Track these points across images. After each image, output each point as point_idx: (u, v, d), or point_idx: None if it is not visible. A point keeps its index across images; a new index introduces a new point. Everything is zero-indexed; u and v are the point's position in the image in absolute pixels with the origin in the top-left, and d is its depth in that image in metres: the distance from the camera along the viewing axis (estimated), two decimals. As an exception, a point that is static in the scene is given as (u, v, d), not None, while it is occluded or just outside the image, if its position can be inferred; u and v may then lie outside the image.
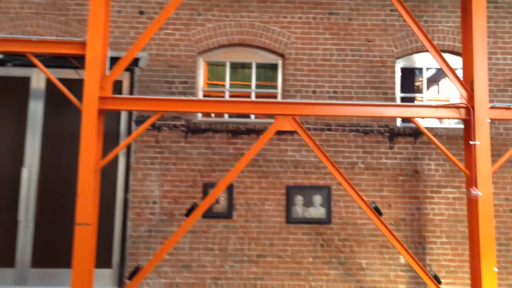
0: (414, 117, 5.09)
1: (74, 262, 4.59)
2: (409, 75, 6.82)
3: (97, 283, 5.82)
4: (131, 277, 4.86)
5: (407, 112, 5.13)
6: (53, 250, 5.85)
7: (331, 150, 6.15)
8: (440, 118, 5.46)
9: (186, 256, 5.98)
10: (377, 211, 5.04)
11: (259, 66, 6.50)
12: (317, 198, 6.10)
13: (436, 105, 5.24)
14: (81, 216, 4.67)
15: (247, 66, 6.52)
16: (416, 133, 6.24)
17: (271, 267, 6.01)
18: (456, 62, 6.33)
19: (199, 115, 6.35)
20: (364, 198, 5.04)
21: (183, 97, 5.14)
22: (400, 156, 6.21)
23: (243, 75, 6.63)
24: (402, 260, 6.04)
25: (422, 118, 5.34)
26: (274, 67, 6.50)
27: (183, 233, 4.95)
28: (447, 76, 5.18)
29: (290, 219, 6.07)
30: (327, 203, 6.10)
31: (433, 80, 7.29)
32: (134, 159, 6.08)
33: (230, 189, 6.04)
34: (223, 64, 6.47)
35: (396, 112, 5.17)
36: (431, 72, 6.97)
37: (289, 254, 6.04)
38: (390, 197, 6.14)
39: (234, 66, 6.54)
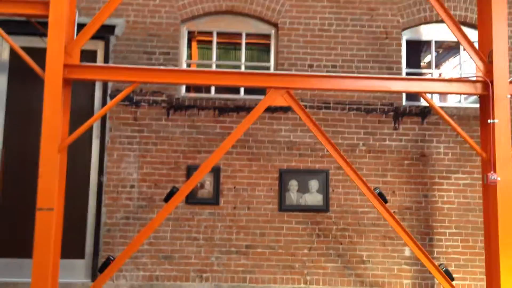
0: (423, 92, 4.58)
1: (34, 252, 4.09)
2: (416, 49, 6.30)
3: (68, 275, 5.33)
4: (101, 269, 4.37)
5: (416, 86, 4.62)
6: (19, 238, 5.34)
7: (329, 131, 5.64)
8: (453, 94, 4.96)
9: (167, 246, 5.48)
10: (382, 197, 4.56)
11: (249, 36, 5.97)
12: (314, 184, 5.61)
13: (449, 79, 4.73)
14: (43, 200, 4.16)
15: (235, 38, 5.98)
16: (423, 112, 5.73)
17: (262, 259, 5.53)
18: (469, 34, 5.81)
19: (183, 90, 5.82)
20: (367, 183, 4.56)
21: (162, 67, 4.62)
22: (405, 138, 5.70)
23: (233, 55, 6.11)
24: (407, 253, 5.57)
25: (432, 93, 4.85)
26: (266, 38, 5.97)
27: (161, 221, 4.45)
28: (461, 45, 4.67)
29: (283, 207, 5.57)
30: (325, 189, 5.60)
31: (443, 55, 6.77)
32: (109, 138, 5.55)
33: (216, 172, 5.54)
34: (209, 33, 5.93)
35: (403, 86, 4.65)
36: (440, 45, 6.45)
37: (282, 245, 5.55)
38: (394, 183, 5.65)
39: (222, 40, 6.00)
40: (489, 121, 4.44)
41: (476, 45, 4.79)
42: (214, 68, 5.87)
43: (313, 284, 5.53)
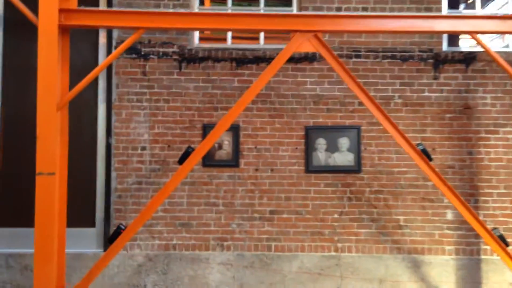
0: (474, 32, 4.00)
1: (36, 221, 3.71)
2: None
3: (78, 244, 5.00)
4: (112, 239, 4.00)
5: (464, 25, 4.02)
6: (24, 206, 4.99)
7: (360, 82, 5.11)
8: (509, 33, 4.38)
9: (184, 212, 5.09)
10: (426, 154, 4.05)
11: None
12: (344, 141, 5.11)
13: (503, 16, 4.14)
14: (43, 164, 3.75)
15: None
16: (468, 58, 5.12)
17: (288, 226, 5.11)
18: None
19: (196, 40, 5.29)
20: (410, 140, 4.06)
21: (172, 10, 4.13)
22: (447, 88, 5.13)
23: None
24: (449, 216, 5.08)
25: (484, 33, 4.26)
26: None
27: (176, 185, 4.03)
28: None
29: (310, 168, 5.11)
30: (356, 147, 5.10)
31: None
32: (116, 95, 5.10)
33: (235, 131, 5.08)
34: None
35: (450, 26, 4.04)
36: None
37: (310, 209, 5.11)
38: (434, 140, 5.11)
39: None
40: (552, 62, 3.88)
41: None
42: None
43: (345, 251, 5.10)
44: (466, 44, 5.45)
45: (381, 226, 5.11)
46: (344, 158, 5.10)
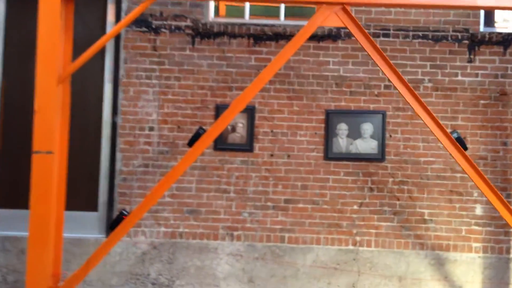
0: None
1: (32, 202, 3.41)
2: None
3: (78, 229, 4.73)
4: (113, 225, 3.72)
5: None
6: (22, 187, 4.73)
7: (391, 63, 4.76)
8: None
9: (193, 199, 4.80)
10: (461, 143, 3.71)
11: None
12: (367, 127, 4.77)
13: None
14: (41, 141, 3.44)
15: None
16: (506, 40, 4.73)
17: (304, 216, 4.80)
18: None
19: (211, 13, 4.93)
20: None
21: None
22: (482, 73, 4.74)
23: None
24: (478, 211, 4.74)
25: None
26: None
27: (184, 169, 3.71)
28: None
29: (330, 155, 4.77)
30: (380, 134, 4.75)
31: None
32: (124, 71, 4.79)
33: (250, 113, 4.75)
34: None
35: (495, 1, 3.68)
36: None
37: (328, 199, 4.80)
38: (466, 128, 4.74)
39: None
40: None
41: None
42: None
43: (363, 246, 4.79)
44: (504, 25, 5.04)
45: (404, 220, 4.79)
46: (367, 145, 4.76)
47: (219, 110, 4.73)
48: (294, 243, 4.80)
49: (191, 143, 3.75)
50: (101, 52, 4.70)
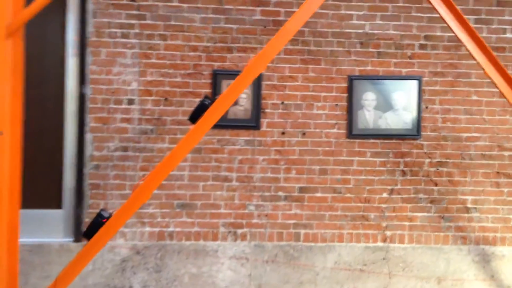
0: None
1: (-28, 200, 2.52)
2: None
3: (38, 232, 3.76)
4: (89, 233, 2.78)
5: None
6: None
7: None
8: None
9: (185, 189, 3.90)
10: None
11: None
12: (399, 97, 3.97)
13: None
14: (-17, 114, 2.54)
15: None
16: None
17: (323, 208, 3.98)
18: None
19: (203, -44, 4.06)
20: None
21: None
22: (535, 28, 4.07)
23: None
24: (530, 196, 4.08)
25: None
26: None
27: (187, 152, 2.83)
28: None
29: (354, 131, 3.95)
30: (415, 105, 3.98)
31: None
32: (93, 28, 3.83)
33: (256, 80, 3.86)
34: None
35: None
36: None
37: (352, 187, 4.00)
38: None
39: None
40: None
41: None
42: None
43: (395, 242, 4.02)
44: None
45: (443, 209, 4.03)
46: (398, 119, 3.97)
47: (217, 77, 3.83)
48: (311, 241, 3.97)
49: (194, 118, 2.86)
50: (63, 3, 3.74)
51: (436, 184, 4.02)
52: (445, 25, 3.88)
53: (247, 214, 3.94)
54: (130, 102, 3.84)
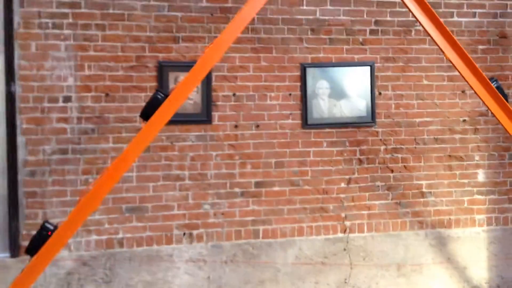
0: None
1: None
2: None
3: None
4: (31, 249, 2.46)
5: None
6: None
7: (373, 2, 3.93)
8: None
9: (134, 192, 3.61)
10: (502, 93, 2.97)
11: None
12: (353, 84, 3.90)
13: None
14: None
15: None
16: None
17: (281, 202, 3.82)
18: None
19: None
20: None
21: None
22: (480, 12, 4.02)
23: None
24: (480, 178, 4.13)
25: None
26: None
27: (141, 150, 2.57)
28: None
29: (309, 121, 3.82)
30: (369, 92, 3.92)
31: None
32: (20, 18, 3.43)
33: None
34: None
35: None
36: None
37: (309, 178, 3.87)
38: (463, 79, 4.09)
39: None
40: None
41: None
42: None
43: (355, 231, 3.95)
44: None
45: (400, 195, 4.01)
46: (353, 106, 3.88)
47: (163, 69, 3.57)
48: (271, 237, 3.81)
49: (146, 114, 2.60)
50: (-16, -10, 3.33)
51: (392, 171, 3.99)
52: (395, 9, 3.88)
53: (202, 213, 3.72)
54: (67, 99, 3.49)
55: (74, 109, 3.50)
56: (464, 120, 4.05)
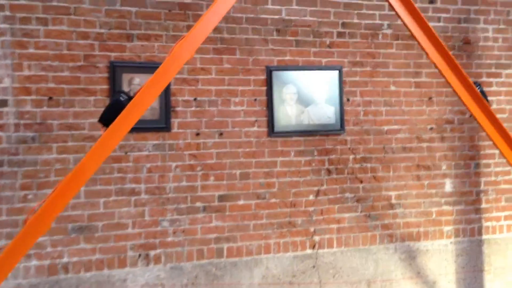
0: None
1: None
2: None
3: None
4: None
5: None
6: None
7: (339, 4, 3.74)
8: None
9: (81, 209, 3.17)
10: (485, 97, 2.84)
11: None
12: (321, 89, 3.69)
13: None
14: None
15: None
16: (468, -23, 4.09)
17: (246, 217, 3.50)
18: None
19: None
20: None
21: None
22: (445, 16, 3.97)
23: None
24: (448, 187, 4.02)
25: None
26: None
27: (99, 163, 2.20)
28: None
29: (276, 128, 3.56)
30: (337, 98, 3.73)
31: None
32: None
33: (163, 73, 3.32)
34: None
35: None
36: None
37: (276, 190, 3.59)
38: (431, 85, 3.86)
39: None
40: None
41: None
42: None
43: (324, 247, 3.70)
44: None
45: (369, 207, 3.82)
46: (321, 113, 3.66)
47: (116, 69, 3.19)
48: (236, 256, 3.49)
49: (106, 120, 2.22)
50: None
51: (361, 181, 3.79)
52: (362, 11, 3.72)
53: (160, 232, 3.33)
54: (2, 103, 3.03)
55: (10, 114, 3.03)
56: (431, 128, 3.94)
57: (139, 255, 3.29)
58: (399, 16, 2.55)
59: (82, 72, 3.17)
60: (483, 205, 4.10)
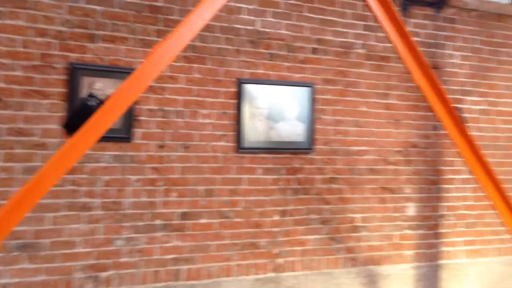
0: None
1: None
2: None
3: None
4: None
5: None
6: None
7: (315, 19, 3.61)
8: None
9: (26, 225, 2.85)
10: (464, 122, 2.78)
11: None
12: (292, 105, 3.54)
13: None
14: None
15: None
16: (440, 1, 4.08)
17: (209, 237, 3.30)
18: None
19: None
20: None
21: None
22: (415, 40, 4.00)
23: None
24: (410, 211, 3.97)
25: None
26: None
27: (62, 174, 1.92)
28: None
29: (244, 144, 3.37)
30: (308, 115, 3.59)
31: None
32: None
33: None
34: None
35: None
36: None
37: (241, 209, 3.40)
38: (398, 107, 3.86)
39: None
40: None
41: None
42: None
43: (287, 270, 3.54)
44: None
45: (334, 230, 3.70)
46: (291, 130, 3.51)
47: (75, 72, 2.90)
48: (194, 279, 3.25)
49: (71, 126, 1.96)
50: None
51: (327, 203, 3.67)
52: (336, 28, 3.62)
53: (114, 251, 3.05)
54: None
55: (-49, 115, 2.69)
56: (398, 151, 3.89)
57: (89, 277, 2.98)
58: (386, 32, 2.45)
59: (37, 73, 2.85)
60: (443, 230, 4.09)
